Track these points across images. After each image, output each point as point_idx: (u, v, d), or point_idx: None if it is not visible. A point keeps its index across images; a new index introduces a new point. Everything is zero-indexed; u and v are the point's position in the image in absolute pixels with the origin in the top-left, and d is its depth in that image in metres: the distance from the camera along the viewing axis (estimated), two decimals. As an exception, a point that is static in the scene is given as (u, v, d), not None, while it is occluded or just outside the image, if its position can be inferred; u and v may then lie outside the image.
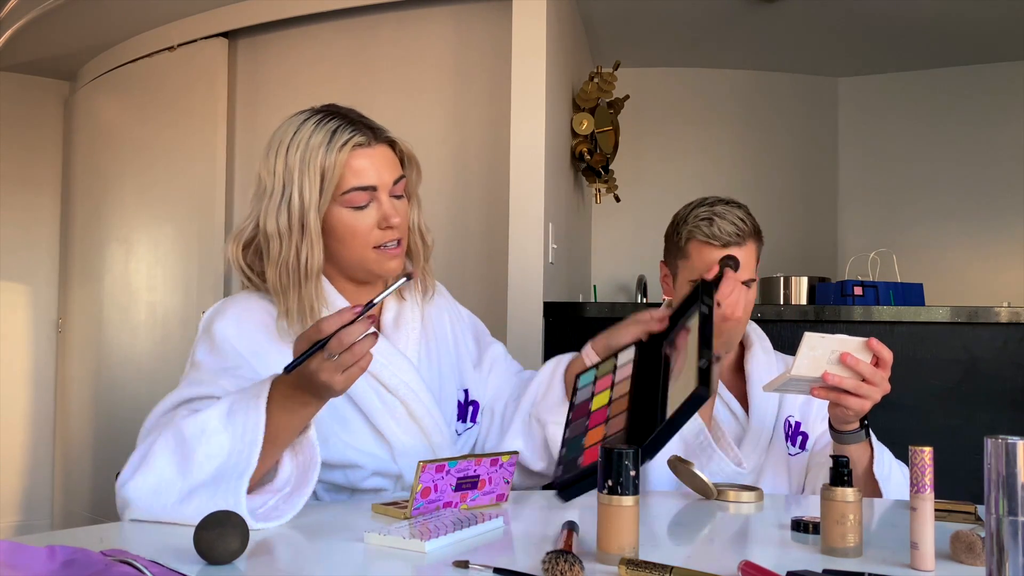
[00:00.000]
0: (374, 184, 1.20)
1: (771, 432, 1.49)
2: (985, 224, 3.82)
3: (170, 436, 1.02)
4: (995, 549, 0.71)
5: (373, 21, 3.02)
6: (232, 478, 0.98)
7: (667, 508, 1.19)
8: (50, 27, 3.45)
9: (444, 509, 1.07)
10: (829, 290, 2.73)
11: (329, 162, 1.17)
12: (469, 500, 1.12)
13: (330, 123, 1.19)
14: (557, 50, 2.72)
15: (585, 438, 1.16)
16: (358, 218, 1.19)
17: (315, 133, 1.18)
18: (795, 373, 1.17)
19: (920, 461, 0.86)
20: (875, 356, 1.20)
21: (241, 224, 1.25)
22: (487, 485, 1.13)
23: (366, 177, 1.19)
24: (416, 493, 1.04)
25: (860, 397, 1.20)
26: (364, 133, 1.20)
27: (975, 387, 2.23)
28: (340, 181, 1.18)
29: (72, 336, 3.87)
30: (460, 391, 1.39)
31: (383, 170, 1.21)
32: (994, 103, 3.85)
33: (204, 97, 3.24)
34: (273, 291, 1.21)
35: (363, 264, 1.23)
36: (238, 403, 1.02)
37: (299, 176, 1.17)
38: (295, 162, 1.18)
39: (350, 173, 1.18)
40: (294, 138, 1.19)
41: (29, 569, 0.71)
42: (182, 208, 3.34)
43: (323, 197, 1.18)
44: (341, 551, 0.90)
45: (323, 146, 1.17)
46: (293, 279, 1.19)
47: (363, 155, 1.19)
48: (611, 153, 3.15)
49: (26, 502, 3.94)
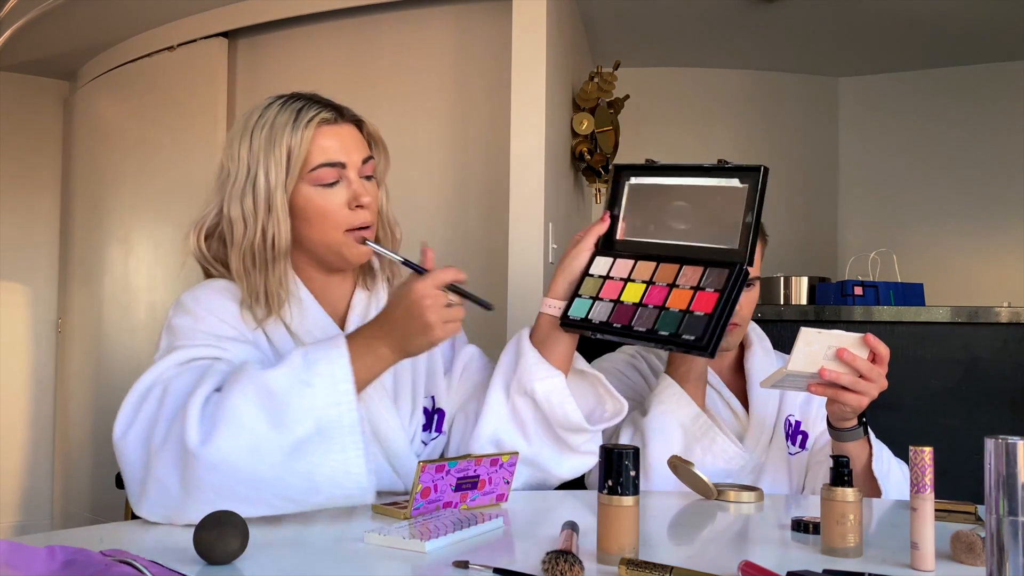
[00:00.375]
0: (342, 161, 1.17)
1: (771, 431, 1.49)
2: (985, 224, 3.82)
3: (249, 390, 0.96)
4: (995, 549, 0.71)
5: (373, 21, 3.02)
6: (343, 429, 0.95)
7: (667, 508, 1.19)
8: (50, 27, 3.45)
9: (444, 509, 1.07)
10: (829, 290, 2.73)
11: (295, 140, 1.14)
12: (469, 500, 1.12)
13: (295, 103, 1.18)
14: (557, 50, 2.72)
15: (669, 302, 1.15)
16: (327, 196, 1.16)
17: (280, 113, 1.16)
18: (791, 368, 1.16)
19: (920, 461, 0.86)
20: (872, 352, 1.20)
21: (202, 213, 1.21)
22: (487, 485, 1.13)
23: (334, 153, 1.16)
24: (416, 493, 1.04)
25: (858, 393, 1.19)
26: (330, 111, 1.18)
27: (975, 387, 2.23)
28: (307, 158, 1.15)
29: (72, 336, 3.87)
30: (427, 397, 1.31)
31: (351, 148, 1.18)
32: (994, 103, 3.85)
33: (204, 97, 3.24)
34: (237, 276, 1.17)
35: (332, 247, 1.18)
36: (316, 352, 0.99)
37: (264, 157, 1.14)
38: (260, 143, 1.15)
39: (317, 150, 1.15)
40: (259, 121, 1.17)
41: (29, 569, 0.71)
42: (182, 208, 3.33)
43: (290, 175, 1.14)
44: (341, 551, 0.90)
45: (288, 124, 1.15)
46: (260, 260, 1.15)
47: (330, 132, 1.17)
48: (611, 153, 3.15)
49: (26, 502, 3.94)
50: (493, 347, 1.99)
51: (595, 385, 1.28)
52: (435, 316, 1.00)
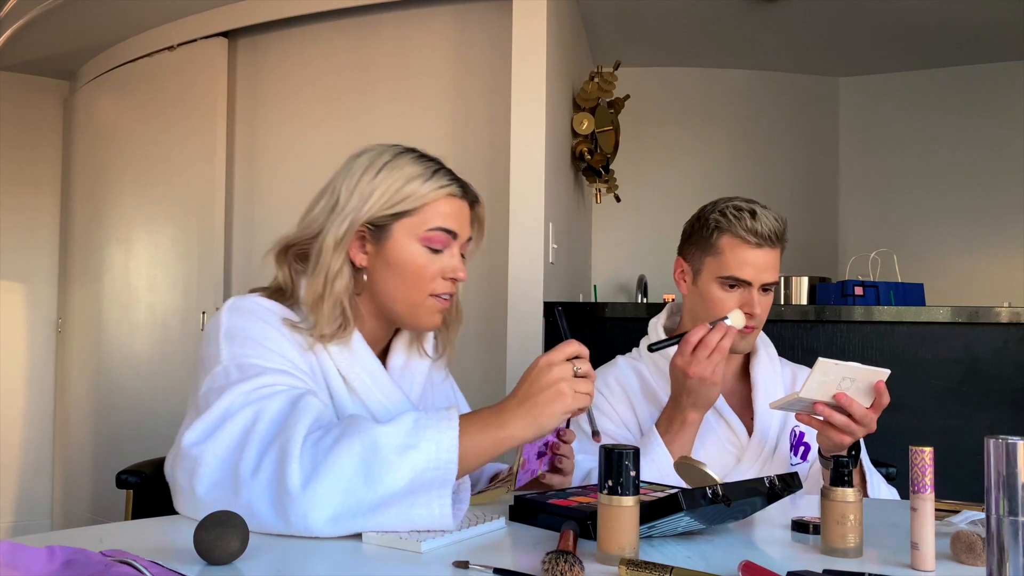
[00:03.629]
0: (457, 232, 1.19)
1: (776, 440, 1.49)
2: (985, 224, 3.82)
3: (356, 443, 0.95)
4: (995, 549, 0.71)
5: (373, 21, 3.02)
6: (432, 490, 0.94)
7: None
8: (50, 27, 3.45)
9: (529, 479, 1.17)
10: (830, 290, 2.73)
11: (421, 193, 1.16)
12: (543, 465, 1.20)
13: (431, 163, 1.20)
14: (557, 50, 2.72)
15: None
16: (430, 259, 1.17)
17: (414, 164, 1.18)
18: (803, 395, 1.19)
19: (920, 461, 0.86)
20: (876, 400, 1.23)
21: (299, 231, 1.22)
22: (548, 454, 1.20)
23: (452, 223, 1.18)
24: (519, 468, 1.13)
25: (843, 434, 1.24)
26: (461, 185, 1.21)
27: (975, 387, 2.23)
28: (426, 217, 1.17)
29: (72, 336, 3.87)
30: None
31: (464, 225, 1.21)
32: (994, 103, 3.85)
33: (204, 97, 3.24)
34: (306, 301, 1.17)
35: (411, 307, 1.19)
36: (428, 419, 0.98)
37: (381, 196, 1.16)
38: (385, 184, 1.17)
39: (438, 214, 1.17)
40: (390, 163, 1.18)
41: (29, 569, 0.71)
42: (182, 208, 3.34)
43: (399, 221, 1.17)
44: (341, 551, 0.90)
45: (420, 178, 1.17)
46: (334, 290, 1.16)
47: (455, 203, 1.19)
48: (611, 153, 3.15)
49: (26, 502, 3.94)
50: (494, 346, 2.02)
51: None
52: (567, 385, 1.00)
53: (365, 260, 1.19)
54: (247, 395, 1.03)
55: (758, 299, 1.44)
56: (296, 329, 1.15)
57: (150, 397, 3.32)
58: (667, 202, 3.90)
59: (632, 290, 3.89)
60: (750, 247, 1.43)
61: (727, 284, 1.45)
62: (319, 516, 0.93)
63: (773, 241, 1.44)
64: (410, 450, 0.95)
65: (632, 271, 3.86)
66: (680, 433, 1.40)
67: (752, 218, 1.43)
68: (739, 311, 1.42)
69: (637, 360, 1.61)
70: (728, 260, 1.44)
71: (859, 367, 1.19)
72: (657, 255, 3.64)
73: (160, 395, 3.29)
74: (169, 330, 3.33)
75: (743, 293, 1.45)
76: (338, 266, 1.17)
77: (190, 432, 1.01)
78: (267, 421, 1.00)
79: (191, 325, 3.25)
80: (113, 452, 3.40)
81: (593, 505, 1.00)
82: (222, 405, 1.02)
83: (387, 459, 0.94)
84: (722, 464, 1.46)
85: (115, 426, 3.46)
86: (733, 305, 1.44)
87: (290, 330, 1.15)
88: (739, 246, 1.43)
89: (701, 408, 1.40)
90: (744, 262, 1.43)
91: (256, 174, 3.26)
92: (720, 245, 1.45)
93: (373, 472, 0.94)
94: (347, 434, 0.96)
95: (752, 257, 1.43)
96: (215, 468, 0.98)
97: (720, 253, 1.45)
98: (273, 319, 1.15)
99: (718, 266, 1.45)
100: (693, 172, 3.97)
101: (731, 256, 1.44)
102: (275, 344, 1.12)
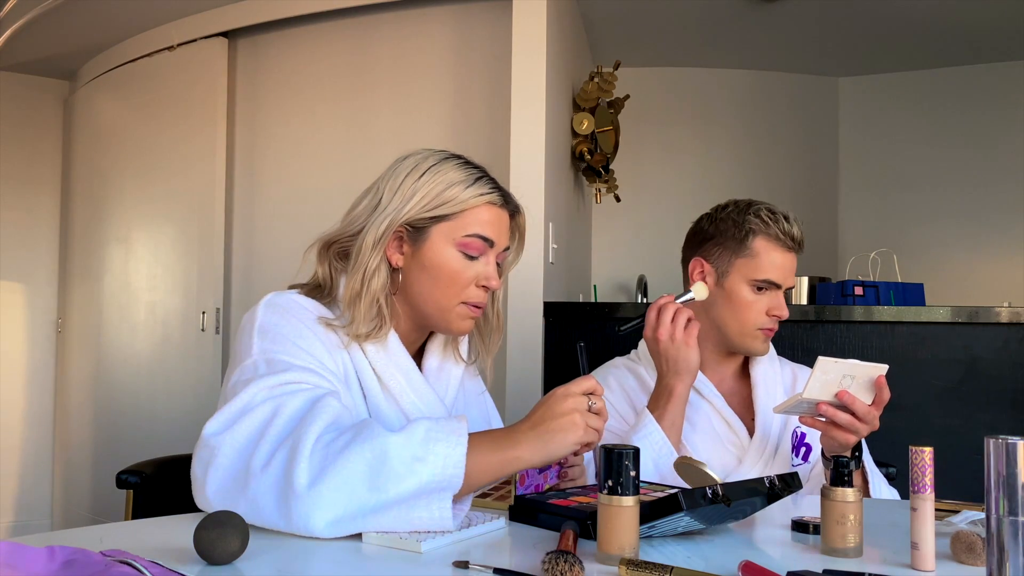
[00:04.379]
0: (494, 240, 1.20)
1: (777, 441, 1.49)
2: (985, 224, 3.82)
3: (366, 449, 0.96)
4: (995, 549, 0.71)
5: (373, 21, 3.03)
6: (432, 499, 0.95)
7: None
8: (50, 27, 3.45)
9: (535, 492, 1.13)
10: (830, 290, 2.73)
11: (461, 198, 1.17)
12: (549, 480, 1.17)
13: (474, 171, 1.21)
14: (557, 50, 2.72)
15: None
16: (465, 265, 1.18)
17: (457, 171, 1.19)
18: (806, 396, 1.19)
19: (920, 461, 0.86)
20: (877, 395, 1.23)
21: (340, 228, 1.22)
22: (555, 465, 1.17)
23: (491, 231, 1.19)
24: (516, 482, 1.10)
25: (848, 432, 1.23)
26: (503, 195, 1.22)
27: (975, 387, 2.23)
28: (465, 223, 1.18)
29: (71, 336, 3.87)
30: None
31: (503, 233, 1.22)
32: (994, 103, 3.85)
33: (204, 97, 3.24)
34: (345, 298, 1.18)
35: (442, 311, 1.20)
36: (439, 431, 0.98)
37: (424, 198, 1.17)
38: (427, 187, 1.18)
39: (477, 221, 1.18)
40: (434, 167, 1.19)
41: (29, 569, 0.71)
42: (182, 208, 3.34)
43: (437, 224, 1.18)
44: (341, 551, 0.90)
45: (463, 184, 1.18)
46: (371, 289, 1.17)
47: (494, 211, 1.20)
48: (611, 153, 3.15)
49: (26, 502, 3.94)
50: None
51: None
52: (581, 417, 1.01)
53: (401, 261, 1.20)
54: (271, 389, 1.04)
55: (783, 300, 1.49)
56: (332, 327, 1.16)
57: (150, 397, 3.32)
58: (667, 202, 3.91)
59: (632, 290, 3.89)
60: (783, 250, 1.47)
61: (757, 286, 1.47)
62: (321, 518, 0.93)
63: (801, 246, 1.49)
64: (418, 463, 0.95)
65: (632, 271, 3.86)
66: (668, 407, 1.41)
67: (787, 222, 1.47)
68: (703, 284, 1.49)
69: (636, 362, 1.61)
70: (763, 262, 1.46)
71: (859, 363, 1.20)
72: (657, 255, 3.64)
73: (160, 395, 3.28)
74: (169, 330, 3.33)
75: (772, 296, 1.47)
76: (376, 264, 1.18)
77: (211, 422, 1.02)
78: (285, 417, 1.01)
79: (191, 325, 3.25)
80: (113, 452, 3.40)
81: (593, 505, 1.00)
82: (244, 398, 1.03)
83: (394, 469, 0.95)
84: (723, 465, 1.46)
85: (115, 426, 3.46)
86: (763, 307, 1.47)
87: (325, 328, 1.16)
88: (774, 249, 1.46)
89: (684, 376, 1.42)
90: (776, 264, 1.46)
91: (256, 174, 3.26)
92: (755, 247, 1.46)
93: (379, 481, 0.95)
94: (358, 439, 0.96)
95: (783, 260, 1.47)
96: (231, 459, 0.99)
97: (755, 256, 1.46)
98: (308, 317, 1.16)
99: (751, 268, 1.47)
100: (693, 172, 3.97)
101: (766, 259, 1.46)
102: (307, 343, 1.12)
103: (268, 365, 1.08)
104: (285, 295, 1.19)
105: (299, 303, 1.18)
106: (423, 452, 0.96)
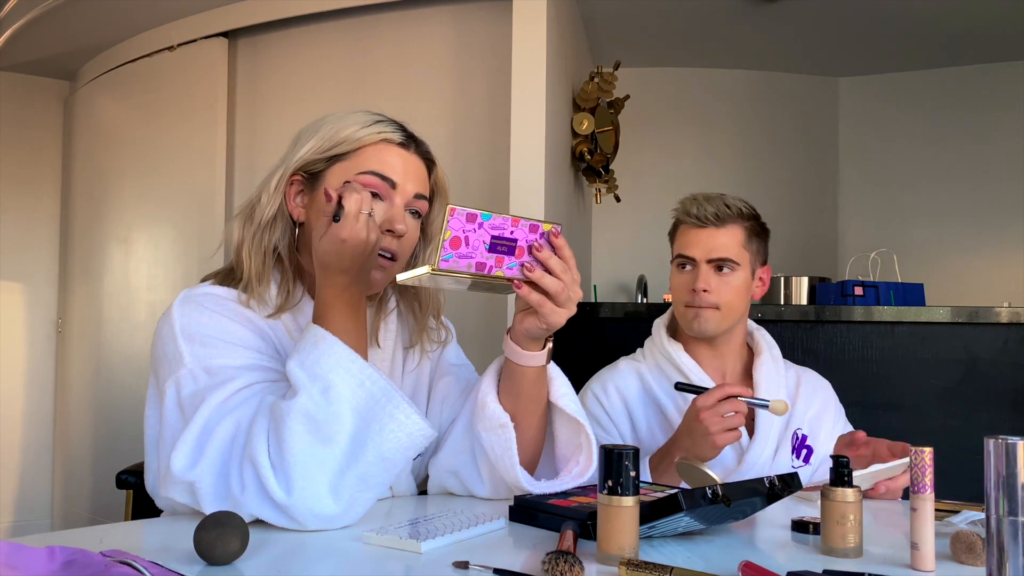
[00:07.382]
0: (394, 180, 1.12)
1: (777, 443, 1.49)
2: (986, 224, 3.82)
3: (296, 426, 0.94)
4: (995, 549, 0.71)
5: (373, 21, 3.02)
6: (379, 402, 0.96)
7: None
8: (50, 27, 3.45)
9: (477, 271, 0.97)
10: (830, 290, 2.73)
11: (356, 136, 1.12)
12: (505, 267, 1.00)
13: (374, 116, 1.16)
14: (557, 50, 2.72)
15: None
16: None
17: (355, 116, 1.15)
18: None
19: (920, 461, 0.86)
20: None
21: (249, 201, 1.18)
22: (524, 254, 1.01)
23: (389, 169, 1.12)
24: (444, 242, 0.92)
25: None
26: (403, 135, 1.15)
27: (975, 387, 2.23)
28: (360, 160, 1.11)
29: (71, 336, 3.87)
30: None
31: (409, 177, 1.14)
32: (994, 103, 3.85)
33: (204, 97, 3.24)
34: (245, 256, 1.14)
35: None
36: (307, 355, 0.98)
37: (316, 142, 1.12)
38: (324, 132, 1.13)
39: (375, 159, 1.11)
40: (331, 117, 1.15)
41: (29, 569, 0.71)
42: (182, 208, 3.34)
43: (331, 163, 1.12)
44: (341, 551, 0.90)
45: (359, 124, 1.13)
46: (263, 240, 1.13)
47: (394, 151, 1.13)
48: (611, 153, 3.15)
49: (26, 502, 3.94)
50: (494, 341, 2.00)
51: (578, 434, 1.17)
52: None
53: (303, 214, 1.15)
54: (221, 406, 1.00)
55: (705, 275, 1.50)
56: (249, 308, 1.12)
57: (150, 397, 3.32)
58: (667, 202, 3.84)
59: (632, 290, 3.89)
60: (694, 228, 1.54)
61: (679, 264, 1.56)
62: (322, 508, 0.94)
63: (718, 221, 1.52)
64: (326, 394, 0.95)
65: (632, 271, 3.86)
66: (669, 471, 1.39)
67: (701, 202, 1.54)
68: (783, 400, 1.33)
69: (639, 361, 1.61)
70: (679, 242, 1.57)
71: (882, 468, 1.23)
72: (657, 255, 3.61)
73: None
74: (169, 330, 3.33)
75: (692, 272, 1.53)
76: (272, 214, 1.13)
77: (177, 456, 0.98)
78: (244, 433, 0.99)
79: (191, 325, 3.24)
80: (113, 452, 3.40)
81: (593, 505, 1.00)
82: (199, 422, 0.99)
83: (322, 417, 0.95)
84: (723, 466, 1.46)
85: (115, 426, 3.46)
86: (685, 284, 1.52)
87: (245, 310, 1.12)
88: (688, 229, 1.56)
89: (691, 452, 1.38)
90: (689, 241, 1.54)
91: (256, 174, 3.26)
92: (678, 231, 1.59)
93: (323, 434, 0.95)
94: (281, 425, 0.95)
95: (694, 235, 1.54)
96: (214, 487, 0.97)
97: (677, 237, 1.58)
98: (226, 307, 1.11)
99: (674, 250, 1.58)
100: (693, 172, 3.97)
101: (682, 238, 1.56)
102: (235, 335, 1.08)
103: (208, 374, 1.03)
104: (197, 289, 1.14)
105: (213, 294, 1.13)
106: (323, 384, 0.95)
